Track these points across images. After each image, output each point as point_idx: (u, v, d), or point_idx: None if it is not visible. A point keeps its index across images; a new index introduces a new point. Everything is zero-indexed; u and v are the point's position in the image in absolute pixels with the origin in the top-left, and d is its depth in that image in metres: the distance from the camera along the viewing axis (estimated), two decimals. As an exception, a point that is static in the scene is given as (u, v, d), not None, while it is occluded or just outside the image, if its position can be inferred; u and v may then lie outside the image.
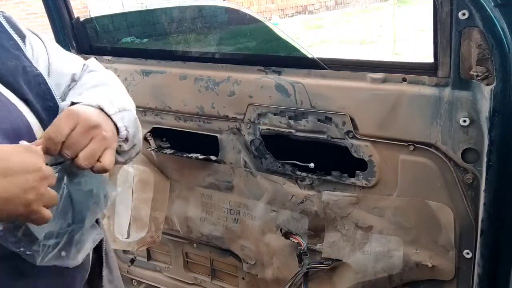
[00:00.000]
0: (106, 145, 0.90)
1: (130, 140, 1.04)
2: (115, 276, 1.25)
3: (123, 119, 1.00)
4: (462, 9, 1.12)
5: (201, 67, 1.68)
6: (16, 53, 1.00)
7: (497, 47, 1.08)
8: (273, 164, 1.62)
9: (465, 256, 1.36)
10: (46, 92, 1.00)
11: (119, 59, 1.87)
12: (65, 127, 0.86)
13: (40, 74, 1.01)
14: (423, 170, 1.34)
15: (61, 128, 0.85)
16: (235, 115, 1.63)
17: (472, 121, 1.22)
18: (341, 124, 1.43)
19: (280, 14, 12.79)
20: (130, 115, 1.03)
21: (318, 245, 1.62)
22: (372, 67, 1.40)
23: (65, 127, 0.85)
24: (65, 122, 0.86)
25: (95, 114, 0.92)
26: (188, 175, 1.86)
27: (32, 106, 0.96)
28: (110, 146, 0.91)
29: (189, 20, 1.91)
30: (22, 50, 1.02)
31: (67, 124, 0.86)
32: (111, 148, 0.91)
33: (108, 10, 4.91)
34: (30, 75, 0.99)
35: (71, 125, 0.86)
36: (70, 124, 0.86)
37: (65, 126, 0.86)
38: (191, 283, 2.07)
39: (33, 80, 0.99)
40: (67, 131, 0.85)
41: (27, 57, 1.02)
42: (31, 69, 1.00)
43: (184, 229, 1.93)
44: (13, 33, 1.02)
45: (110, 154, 0.90)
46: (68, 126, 0.86)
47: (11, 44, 1.00)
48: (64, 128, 0.85)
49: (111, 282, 1.21)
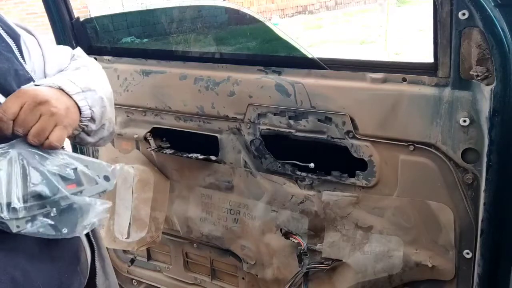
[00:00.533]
0: (56, 121, 0.90)
1: (97, 119, 1.04)
2: (111, 282, 1.25)
3: (86, 99, 1.00)
4: (462, 9, 1.12)
5: (201, 67, 1.67)
6: (8, 55, 1.01)
7: (497, 47, 1.08)
8: (273, 164, 1.62)
9: (465, 256, 1.36)
10: (10, 60, 1.00)
11: (119, 59, 1.87)
12: (12, 106, 0.87)
13: (31, 78, 1.02)
14: (423, 170, 1.34)
15: (8, 107, 0.87)
16: (235, 115, 1.63)
17: (472, 121, 1.22)
18: (341, 124, 1.43)
19: (280, 14, 12.80)
20: (94, 95, 1.04)
21: (318, 245, 1.62)
22: (372, 67, 1.40)
23: (12, 106, 0.87)
24: (13, 101, 0.88)
25: (45, 91, 0.93)
26: (188, 175, 1.86)
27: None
28: (61, 123, 0.91)
29: (189, 20, 1.91)
30: (14, 52, 1.03)
31: (14, 102, 0.87)
32: (62, 125, 0.91)
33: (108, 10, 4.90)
34: (22, 78, 1.00)
35: (19, 103, 0.87)
36: (17, 102, 0.87)
37: (12, 105, 0.87)
38: (191, 283, 2.07)
39: (25, 83, 1.00)
40: (14, 110, 0.86)
41: (19, 61, 1.03)
42: (23, 72, 1.01)
43: (184, 229, 1.93)
44: (5, 35, 1.03)
45: (60, 130, 0.91)
46: (16, 104, 0.87)
47: (3, 46, 1.01)
48: (11, 107, 0.87)
49: (107, 287, 1.21)
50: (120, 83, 1.84)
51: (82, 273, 1.09)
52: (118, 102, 1.85)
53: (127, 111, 1.87)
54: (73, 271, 1.05)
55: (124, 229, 1.94)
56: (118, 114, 1.88)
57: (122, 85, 1.84)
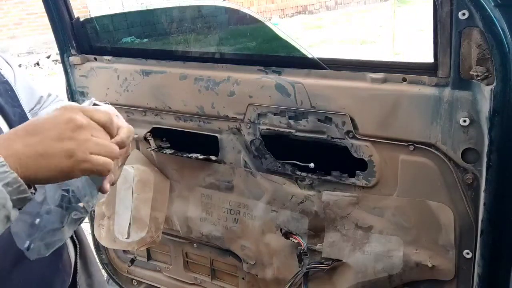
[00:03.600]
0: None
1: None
2: (95, 282, 1.25)
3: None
4: (462, 9, 1.12)
5: (201, 67, 1.67)
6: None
7: (497, 47, 1.08)
8: (273, 164, 1.62)
9: (465, 256, 1.36)
10: (14, 99, 1.04)
11: (119, 59, 1.87)
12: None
13: (7, 81, 1.05)
14: (423, 170, 1.34)
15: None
16: (235, 115, 1.63)
17: (472, 121, 1.22)
18: (341, 124, 1.43)
19: (280, 14, 12.80)
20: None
21: (318, 245, 1.62)
22: (372, 67, 1.40)
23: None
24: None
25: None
26: (188, 175, 1.86)
27: (1, 109, 0.99)
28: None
29: (189, 20, 1.91)
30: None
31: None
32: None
33: (108, 10, 4.91)
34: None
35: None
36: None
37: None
38: (191, 283, 2.07)
39: (1, 86, 1.03)
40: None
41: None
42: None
43: (184, 229, 1.93)
44: None
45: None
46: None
47: None
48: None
49: (89, 286, 1.21)
50: (120, 83, 1.84)
51: (65, 270, 1.09)
52: (118, 102, 1.86)
53: (127, 111, 1.87)
54: (55, 268, 1.05)
55: (124, 229, 1.94)
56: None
57: (122, 85, 1.84)
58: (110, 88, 1.87)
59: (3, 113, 0.99)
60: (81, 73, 1.94)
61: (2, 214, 0.70)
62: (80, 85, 1.96)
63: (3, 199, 0.69)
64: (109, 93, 1.88)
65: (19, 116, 1.03)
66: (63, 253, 1.09)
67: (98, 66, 1.90)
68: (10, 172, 0.69)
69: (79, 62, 1.93)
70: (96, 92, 1.93)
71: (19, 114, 1.03)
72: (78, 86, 1.97)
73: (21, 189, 0.71)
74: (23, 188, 0.72)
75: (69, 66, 1.95)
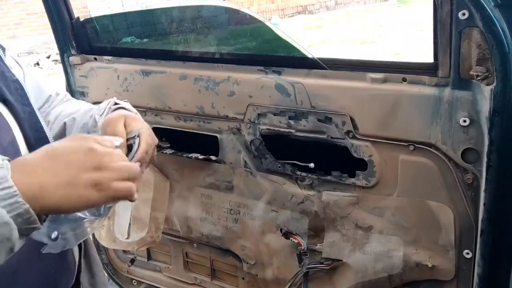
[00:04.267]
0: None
1: None
2: (98, 282, 1.25)
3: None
4: (462, 9, 1.12)
5: (201, 67, 1.67)
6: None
7: (497, 47, 1.08)
8: (273, 164, 1.62)
9: (465, 256, 1.36)
10: (24, 97, 1.04)
11: (119, 59, 1.87)
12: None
13: (17, 80, 1.06)
14: (423, 170, 1.34)
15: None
16: (235, 115, 1.63)
17: (472, 121, 1.22)
18: (341, 124, 1.43)
19: (280, 14, 12.80)
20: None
21: (318, 245, 1.62)
22: (372, 67, 1.40)
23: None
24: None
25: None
26: (188, 175, 1.86)
27: (11, 106, 1.00)
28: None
29: (189, 20, 1.91)
30: (1, 57, 1.07)
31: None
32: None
33: (108, 10, 4.92)
34: (9, 80, 1.03)
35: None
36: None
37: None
38: (191, 283, 2.07)
39: (12, 84, 1.03)
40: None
41: (5, 64, 1.06)
42: (9, 74, 1.04)
43: (184, 229, 1.93)
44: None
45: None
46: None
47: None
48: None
49: (92, 285, 1.21)
50: (120, 83, 1.84)
51: (69, 271, 1.09)
52: (118, 102, 1.85)
53: (127, 111, 1.87)
54: (60, 268, 1.05)
55: (124, 229, 1.94)
56: (118, 114, 1.88)
57: (122, 85, 1.84)
58: (110, 88, 1.87)
59: (13, 111, 1.00)
60: (81, 73, 1.94)
61: (7, 247, 0.69)
62: (80, 85, 1.96)
63: (10, 232, 0.68)
64: (109, 93, 1.88)
65: (29, 114, 1.03)
66: (68, 253, 1.09)
67: (98, 66, 1.90)
68: (22, 203, 0.68)
69: (79, 62, 1.93)
70: (96, 92, 1.93)
71: (28, 112, 1.04)
72: (78, 86, 1.97)
73: (31, 220, 0.70)
74: (33, 219, 0.71)
75: (69, 66, 1.95)
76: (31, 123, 1.03)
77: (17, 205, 0.68)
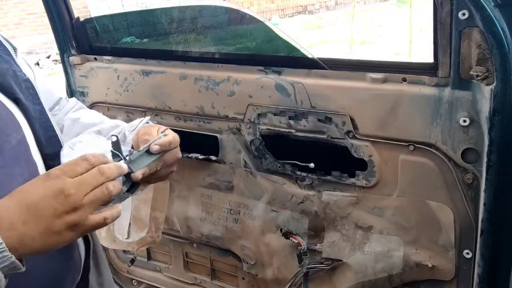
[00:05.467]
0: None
1: None
2: (105, 280, 1.25)
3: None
4: (462, 9, 1.12)
5: (201, 67, 1.67)
6: (6, 57, 1.06)
7: (497, 47, 1.08)
8: (273, 164, 1.62)
9: (465, 256, 1.36)
10: (34, 97, 1.06)
11: (119, 59, 1.87)
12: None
13: (28, 79, 1.08)
14: (423, 170, 1.34)
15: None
16: (235, 115, 1.63)
17: (472, 121, 1.22)
18: (341, 124, 1.43)
19: (280, 14, 12.80)
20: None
21: (318, 245, 1.62)
22: (372, 67, 1.40)
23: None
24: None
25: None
26: (188, 175, 1.86)
27: (22, 105, 1.01)
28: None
29: (189, 20, 1.91)
30: (12, 56, 1.08)
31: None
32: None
33: (108, 10, 4.91)
34: (20, 79, 1.05)
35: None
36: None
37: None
38: (191, 283, 2.07)
39: (23, 83, 1.05)
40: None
41: (17, 63, 1.08)
42: (20, 73, 1.06)
43: (184, 229, 1.93)
44: (5, 41, 1.10)
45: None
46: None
47: (1, 49, 1.07)
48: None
49: (100, 285, 1.22)
50: (120, 83, 1.84)
51: (75, 268, 1.09)
52: (118, 102, 1.86)
53: (127, 111, 1.87)
54: (66, 266, 1.05)
55: (124, 229, 1.93)
56: (119, 114, 1.88)
57: (122, 85, 1.84)
58: (110, 88, 1.87)
59: (24, 110, 1.01)
60: (81, 73, 1.94)
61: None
62: (80, 85, 1.96)
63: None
64: (109, 93, 1.88)
65: (39, 113, 1.05)
66: (74, 251, 1.10)
67: (98, 66, 1.90)
68: (9, 256, 0.74)
69: (79, 62, 1.93)
70: (96, 92, 1.93)
71: (39, 111, 1.05)
72: (78, 86, 1.97)
73: (16, 268, 0.77)
74: (19, 266, 0.77)
75: (69, 66, 1.95)
76: (42, 122, 1.04)
77: (5, 258, 0.74)
